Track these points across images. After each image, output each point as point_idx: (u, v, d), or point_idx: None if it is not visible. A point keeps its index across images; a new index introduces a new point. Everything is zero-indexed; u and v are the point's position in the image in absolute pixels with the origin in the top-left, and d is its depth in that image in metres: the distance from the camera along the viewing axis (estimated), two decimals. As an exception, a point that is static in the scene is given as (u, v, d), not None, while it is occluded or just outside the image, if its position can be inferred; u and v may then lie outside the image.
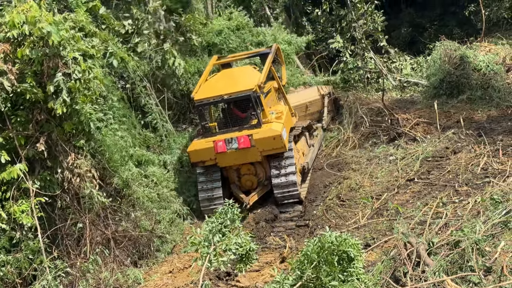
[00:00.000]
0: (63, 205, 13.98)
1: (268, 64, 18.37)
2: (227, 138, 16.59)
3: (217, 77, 18.56)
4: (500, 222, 10.88)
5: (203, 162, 16.92)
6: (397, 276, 10.13)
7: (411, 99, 23.48)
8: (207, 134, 17.05)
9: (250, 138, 16.42)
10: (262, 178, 17.40)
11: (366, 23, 26.75)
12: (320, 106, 21.85)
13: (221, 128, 17.32)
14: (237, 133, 16.69)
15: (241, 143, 16.45)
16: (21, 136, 13.17)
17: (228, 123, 17.30)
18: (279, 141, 16.37)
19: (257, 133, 16.51)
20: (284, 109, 18.22)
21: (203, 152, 16.78)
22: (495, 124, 18.38)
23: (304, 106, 21.35)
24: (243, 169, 17.34)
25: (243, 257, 10.63)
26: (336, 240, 9.44)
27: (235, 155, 16.64)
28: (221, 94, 16.90)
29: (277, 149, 16.54)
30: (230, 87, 17.19)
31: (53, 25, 12.56)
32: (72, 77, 12.86)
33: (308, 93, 22.14)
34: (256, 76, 17.73)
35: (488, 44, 25.00)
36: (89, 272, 13.49)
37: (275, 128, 16.57)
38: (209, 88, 17.56)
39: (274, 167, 16.81)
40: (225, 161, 16.84)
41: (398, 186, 15.69)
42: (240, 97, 16.92)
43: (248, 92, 16.77)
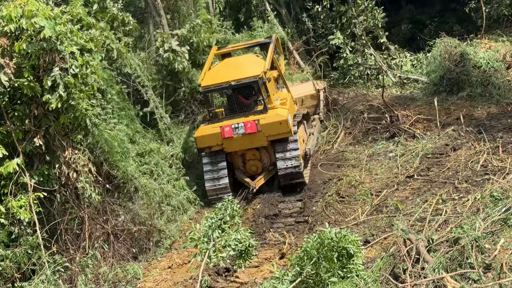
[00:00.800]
0: (61, 200, 13.94)
1: (271, 52, 18.77)
2: (234, 124, 16.95)
3: (221, 65, 19.08)
4: (499, 219, 10.85)
5: (210, 147, 17.27)
6: (396, 273, 10.10)
7: (411, 96, 23.45)
8: (214, 120, 17.45)
9: (257, 123, 16.80)
10: (267, 164, 17.86)
11: (366, 20, 26.75)
12: (316, 100, 22.16)
13: (227, 114, 17.66)
14: (243, 118, 17.10)
15: (248, 128, 16.82)
16: (18, 131, 13.13)
17: (234, 109, 17.64)
18: (285, 126, 16.80)
19: (263, 118, 16.94)
20: (288, 96, 18.67)
21: (210, 138, 17.13)
22: (495, 121, 18.35)
23: (300, 100, 21.61)
24: (248, 154, 17.75)
25: (243, 253, 10.62)
26: (335, 236, 9.42)
27: (241, 140, 17.04)
28: (228, 81, 17.27)
29: (283, 134, 16.97)
30: (237, 73, 17.55)
31: (49, 20, 12.51)
32: (69, 72, 12.80)
33: (303, 87, 22.47)
34: (260, 63, 18.19)
35: (488, 41, 24.97)
36: (88, 267, 13.47)
37: (281, 113, 17.04)
38: (215, 75, 17.93)
39: (279, 151, 17.18)
40: (231, 146, 17.23)
41: (398, 183, 15.66)
42: (247, 83, 17.27)
43: (255, 78, 17.16)
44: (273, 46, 19.33)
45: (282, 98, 18.24)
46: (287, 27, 28.96)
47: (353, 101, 22.88)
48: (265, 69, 17.43)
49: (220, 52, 20.24)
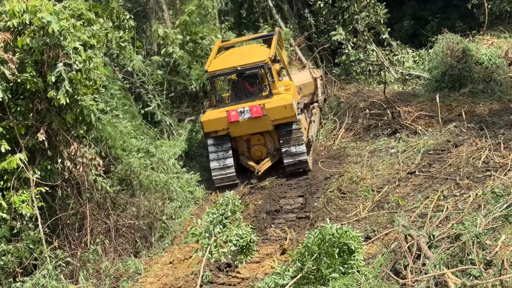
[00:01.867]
0: (63, 194, 13.97)
1: (275, 42, 19.22)
2: (240, 108, 17.31)
3: (227, 53, 19.61)
4: (501, 216, 10.86)
5: (216, 132, 17.62)
6: (397, 269, 10.12)
7: (413, 92, 23.44)
8: (220, 105, 17.90)
9: (262, 107, 17.18)
10: (271, 149, 18.33)
11: (369, 16, 26.73)
12: (313, 88, 22.42)
13: (233, 99, 18.11)
14: (249, 103, 17.52)
15: (254, 112, 17.18)
16: (21, 126, 13.13)
17: (240, 95, 18.01)
18: (290, 110, 17.27)
19: (269, 102, 17.39)
20: (291, 84, 19.23)
21: (216, 122, 17.49)
22: (496, 118, 18.36)
23: (298, 88, 21.53)
24: (253, 139, 18.20)
25: (244, 249, 10.65)
26: (336, 232, 9.44)
27: (247, 124, 17.44)
28: (234, 66, 17.74)
29: (288, 118, 17.40)
30: (243, 59, 18.05)
31: (53, 15, 12.52)
32: (73, 67, 12.81)
33: (300, 76, 22.57)
34: (265, 51, 18.79)
35: (490, 37, 24.95)
36: (89, 262, 13.50)
37: (286, 98, 17.55)
38: (222, 61, 18.43)
39: (284, 135, 17.66)
40: (237, 130, 17.64)
41: (399, 179, 15.67)
42: (253, 68, 17.79)
43: (261, 63, 17.69)
44: (276, 37, 19.74)
45: (287, 85, 18.87)
46: (289, 22, 28.94)
47: (355, 97, 22.85)
48: (270, 56, 17.93)
49: (224, 45, 20.60)
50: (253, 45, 21.08)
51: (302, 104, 19.09)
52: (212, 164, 17.83)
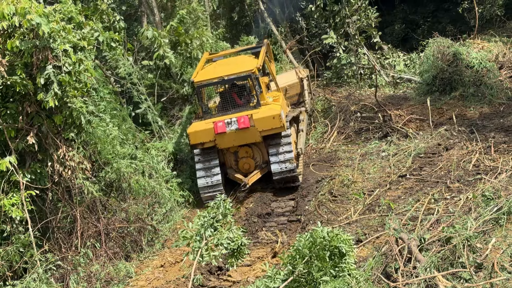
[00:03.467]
0: (54, 198, 13.92)
1: (263, 52, 18.83)
2: (227, 119, 16.79)
3: (214, 64, 19.04)
4: (491, 219, 10.89)
5: (202, 144, 17.05)
6: (388, 272, 10.13)
7: (404, 96, 23.49)
8: (207, 116, 17.30)
9: (250, 118, 16.67)
10: (260, 161, 17.79)
11: (360, 19, 26.77)
12: (299, 89, 22.10)
13: (220, 111, 17.51)
14: (236, 114, 16.97)
15: (241, 123, 16.65)
16: (11, 129, 13.10)
17: (227, 106, 17.47)
18: (278, 121, 16.68)
19: (256, 113, 16.83)
20: (280, 95, 18.72)
21: (202, 134, 16.94)
22: (487, 121, 18.41)
23: (284, 90, 21.30)
24: (241, 152, 17.65)
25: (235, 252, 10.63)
26: (327, 235, 9.44)
27: (234, 136, 16.88)
28: (221, 76, 17.19)
29: (276, 129, 16.81)
30: (230, 69, 17.55)
31: (43, 17, 12.48)
32: (63, 69, 12.77)
33: (286, 76, 22.37)
34: (253, 61, 18.26)
35: (481, 41, 25.08)
36: (80, 265, 13.45)
37: (274, 108, 16.97)
38: (208, 72, 17.91)
39: (272, 147, 17.10)
40: (224, 142, 17.05)
41: (390, 182, 15.68)
42: (240, 77, 17.26)
43: (248, 73, 17.12)
44: (264, 48, 19.36)
45: (275, 96, 18.34)
46: (280, 26, 28.99)
47: (346, 101, 22.89)
48: (258, 65, 17.44)
49: (212, 57, 20.28)
50: (241, 56, 20.30)
51: (291, 117, 18.50)
52: (200, 181, 17.24)
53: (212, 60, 20.08)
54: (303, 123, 20.12)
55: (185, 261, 13.84)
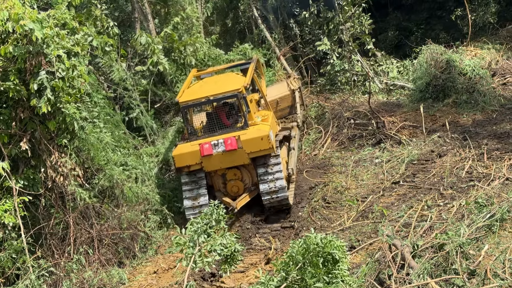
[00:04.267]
0: (47, 204, 13.90)
1: (251, 69, 18.11)
2: (214, 141, 15.98)
3: (200, 83, 18.29)
4: (484, 226, 10.92)
5: (188, 167, 16.22)
6: (381, 279, 10.14)
7: (397, 102, 23.53)
8: (193, 138, 16.48)
9: (237, 139, 15.88)
10: (249, 184, 16.87)
11: (353, 26, 26.82)
12: (291, 101, 21.28)
13: (206, 132, 16.70)
14: (223, 135, 16.17)
15: (228, 145, 15.85)
16: (4, 134, 13.07)
17: (213, 127, 16.66)
18: (266, 142, 15.85)
19: (244, 134, 16.02)
20: (270, 114, 17.80)
21: (188, 156, 16.10)
22: (480, 128, 18.46)
23: (275, 102, 20.81)
24: (229, 174, 16.74)
25: (228, 258, 10.61)
26: (321, 241, 9.44)
27: (221, 158, 16.04)
28: (207, 95, 16.41)
29: (265, 151, 15.95)
30: (216, 89, 16.76)
31: (36, 23, 12.47)
32: (56, 75, 12.76)
33: (277, 88, 21.65)
34: (241, 79, 17.45)
35: (474, 48, 25.19)
36: (73, 271, 13.41)
37: (263, 129, 16.18)
38: (194, 92, 17.12)
39: (261, 170, 16.27)
40: (211, 165, 16.18)
41: (384, 189, 15.70)
42: (226, 97, 16.47)
43: (235, 92, 16.32)
44: (253, 65, 18.73)
45: (264, 115, 17.46)
46: (274, 32, 29.02)
47: (340, 107, 22.92)
48: (245, 84, 16.63)
49: (200, 74, 19.56)
50: (229, 73, 19.39)
51: (282, 136, 17.81)
52: (186, 202, 16.30)
53: (200, 77, 19.37)
54: (294, 140, 19.10)
55: (178, 267, 13.84)
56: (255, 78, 18.70)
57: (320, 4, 27.87)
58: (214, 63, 23.31)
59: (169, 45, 21.99)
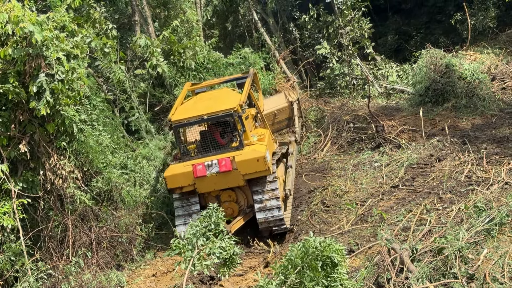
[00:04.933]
0: (45, 206, 13.89)
1: (248, 85, 17.29)
2: (207, 161, 15.19)
3: (194, 99, 17.46)
4: (483, 230, 10.92)
5: (181, 188, 15.38)
6: (380, 282, 10.13)
7: (396, 106, 23.56)
8: (185, 158, 15.61)
9: (232, 160, 15.10)
10: (244, 206, 16.00)
11: (353, 30, 26.89)
12: (289, 113, 20.59)
13: (200, 152, 15.83)
14: (217, 155, 15.36)
15: (222, 166, 15.08)
16: (3, 137, 13.07)
17: (207, 146, 15.78)
18: (262, 164, 15.06)
19: (239, 155, 15.18)
20: (266, 132, 16.93)
21: (181, 177, 15.29)
22: (479, 133, 18.48)
23: (272, 115, 20.20)
24: (223, 196, 15.84)
25: (227, 261, 10.60)
26: (320, 245, 9.42)
27: (215, 179, 15.20)
28: (201, 114, 15.54)
29: (260, 172, 15.17)
30: (210, 107, 15.91)
31: (36, 25, 12.48)
32: (56, 77, 12.76)
33: (275, 100, 21.01)
34: (236, 96, 16.50)
35: (473, 52, 25.24)
36: (71, 274, 13.40)
37: (259, 150, 15.34)
38: (187, 109, 16.30)
39: (257, 192, 15.46)
40: (204, 186, 15.35)
41: (383, 193, 15.71)
42: (221, 116, 15.59)
43: (230, 111, 15.44)
44: (250, 80, 17.76)
45: (260, 134, 16.53)
46: (274, 36, 29.07)
47: (339, 111, 22.93)
48: (240, 102, 15.72)
49: (194, 88, 18.66)
50: (224, 89, 18.38)
51: (279, 155, 16.85)
52: (178, 228, 15.41)
53: (195, 91, 18.47)
54: (292, 157, 18.23)
55: (177, 270, 13.82)
56: (251, 93, 17.82)
57: (320, 8, 27.94)
58: (213, 66, 23.30)
59: (168, 47, 21.96)
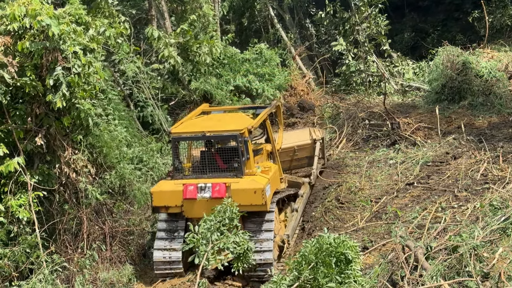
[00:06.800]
0: (61, 199, 13.98)
1: (264, 114, 15.84)
2: (201, 183, 13.72)
3: (204, 117, 16.23)
4: (498, 229, 10.83)
5: (167, 208, 13.88)
6: (394, 280, 10.09)
7: (412, 104, 23.49)
8: (178, 176, 14.23)
9: (227, 187, 13.51)
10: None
11: (370, 27, 26.84)
12: (310, 151, 18.50)
13: (195, 172, 14.49)
14: (212, 179, 13.87)
15: (215, 192, 13.50)
16: (20, 130, 13.16)
17: (204, 168, 14.43)
18: (260, 197, 13.34)
19: (236, 182, 13.62)
20: (273, 166, 15.39)
21: (168, 196, 13.84)
22: (496, 131, 18.37)
23: (292, 150, 18.45)
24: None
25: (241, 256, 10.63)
26: (334, 241, 9.44)
27: (205, 205, 13.35)
28: (203, 131, 14.22)
29: (256, 206, 13.37)
30: (216, 126, 14.68)
31: (53, 19, 12.54)
32: (72, 71, 12.82)
33: (297, 135, 19.17)
34: (247, 121, 14.97)
35: (491, 50, 25.05)
36: (86, 267, 13.48)
37: (258, 181, 13.77)
38: (192, 125, 15.13)
39: (248, 228, 13.46)
40: (192, 211, 13.71)
41: (398, 190, 15.65)
42: (224, 136, 14.51)
43: (235, 132, 14.00)
44: (269, 110, 16.37)
45: (266, 166, 14.91)
46: (290, 32, 29.05)
47: (355, 108, 22.88)
48: (249, 127, 14.17)
49: (210, 109, 17.25)
50: (239, 113, 16.29)
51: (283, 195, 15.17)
52: (156, 253, 13.71)
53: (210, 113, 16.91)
54: (301, 200, 16.10)
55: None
56: (268, 127, 16.19)
57: (336, 4, 27.87)
58: (229, 62, 23.29)
59: (185, 41, 21.92)
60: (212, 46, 22.36)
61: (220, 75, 22.58)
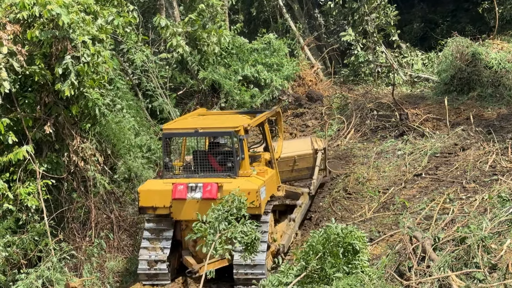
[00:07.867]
0: (69, 188, 14.04)
1: (263, 116, 14.91)
2: (191, 183, 12.91)
3: (200, 117, 15.56)
4: (506, 220, 10.81)
5: (154, 209, 12.98)
6: (401, 270, 10.10)
7: (421, 95, 23.42)
8: (167, 175, 13.46)
9: (219, 187, 12.72)
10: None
11: (379, 17, 26.71)
12: (311, 162, 17.13)
13: (186, 171, 13.85)
14: (204, 179, 13.07)
15: (206, 192, 12.71)
16: (28, 118, 13.23)
17: (197, 168, 13.72)
18: (253, 198, 12.49)
19: (229, 183, 12.78)
20: (270, 170, 14.42)
21: (156, 195, 12.99)
22: (505, 122, 18.30)
23: (292, 160, 17.10)
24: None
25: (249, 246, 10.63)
26: (341, 232, 9.45)
27: (195, 207, 12.62)
28: (196, 127, 13.46)
29: (249, 209, 11.75)
30: (210, 123, 14.18)
31: (63, 8, 12.55)
32: (81, 60, 12.83)
33: (298, 144, 17.86)
34: (245, 120, 14.26)
35: (500, 42, 24.88)
36: (93, 256, 13.55)
37: (253, 182, 13.00)
38: (185, 122, 14.52)
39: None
40: (181, 212, 12.93)
41: (406, 181, 15.63)
42: (218, 133, 13.86)
43: (230, 130, 13.27)
44: (268, 114, 15.37)
45: (262, 169, 14.01)
46: (299, 22, 28.95)
47: (363, 98, 22.82)
48: (245, 125, 13.28)
49: (207, 113, 16.49)
50: (237, 114, 15.75)
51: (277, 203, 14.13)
52: (142, 248, 12.96)
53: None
54: (299, 210, 14.95)
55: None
56: (267, 134, 15.20)
57: (345, -6, 27.77)
58: (238, 52, 23.24)
59: (193, 30, 21.83)
60: (220, 36, 22.29)
61: (228, 65, 22.50)
